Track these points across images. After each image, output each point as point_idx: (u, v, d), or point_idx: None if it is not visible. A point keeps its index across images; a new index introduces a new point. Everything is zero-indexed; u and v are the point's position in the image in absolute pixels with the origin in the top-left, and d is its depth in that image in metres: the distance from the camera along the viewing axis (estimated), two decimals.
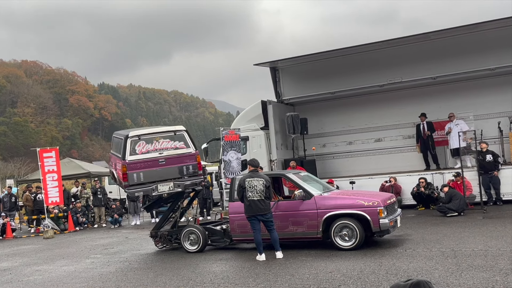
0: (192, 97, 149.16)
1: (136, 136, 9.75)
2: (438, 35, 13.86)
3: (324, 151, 16.65)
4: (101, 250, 11.40)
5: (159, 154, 9.78)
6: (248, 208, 8.27)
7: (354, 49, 14.78)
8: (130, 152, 9.58)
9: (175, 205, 10.63)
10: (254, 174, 8.46)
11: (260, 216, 8.21)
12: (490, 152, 13.04)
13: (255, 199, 8.18)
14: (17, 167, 52.91)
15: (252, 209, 8.20)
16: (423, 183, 13.35)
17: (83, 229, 17.11)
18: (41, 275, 8.75)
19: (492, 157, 12.90)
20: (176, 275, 7.59)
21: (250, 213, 8.25)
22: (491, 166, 12.89)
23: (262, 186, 8.23)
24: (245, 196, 8.26)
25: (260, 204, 8.17)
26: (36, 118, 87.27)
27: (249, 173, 8.59)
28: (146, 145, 9.76)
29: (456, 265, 6.65)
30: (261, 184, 8.24)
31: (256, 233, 8.26)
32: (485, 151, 13.00)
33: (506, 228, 9.26)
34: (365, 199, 8.43)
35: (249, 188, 8.23)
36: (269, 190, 8.35)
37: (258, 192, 8.19)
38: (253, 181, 8.27)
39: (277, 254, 8.19)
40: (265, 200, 8.23)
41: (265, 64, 16.06)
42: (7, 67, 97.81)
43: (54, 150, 16.98)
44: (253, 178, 8.33)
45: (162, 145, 9.87)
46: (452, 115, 14.11)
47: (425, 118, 14.62)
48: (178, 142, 10.02)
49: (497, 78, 14.15)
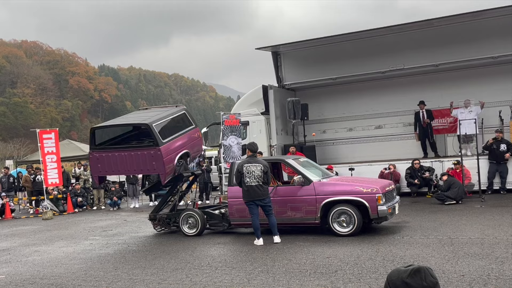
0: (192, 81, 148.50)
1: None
2: (441, 22, 13.73)
3: (324, 137, 16.62)
4: (100, 232, 11.45)
5: None
6: (246, 193, 8.27)
7: (356, 34, 14.66)
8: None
9: (174, 189, 10.65)
10: (252, 159, 8.42)
11: (258, 201, 8.21)
12: (505, 142, 13.01)
13: (253, 185, 8.17)
14: (17, 148, 52.93)
15: (250, 195, 8.20)
16: (417, 164, 13.42)
17: (82, 211, 17.17)
18: (39, 255, 8.80)
19: (506, 147, 12.88)
20: (174, 258, 7.63)
21: (248, 198, 8.26)
22: (504, 155, 12.88)
23: (260, 172, 8.20)
24: (243, 182, 8.25)
25: (258, 190, 8.16)
26: (35, 99, 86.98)
27: (247, 158, 8.56)
28: None
29: (452, 252, 6.68)
30: (259, 169, 8.22)
31: (254, 217, 8.27)
32: (499, 140, 12.98)
33: (503, 217, 9.29)
34: (364, 185, 8.44)
35: (247, 173, 8.20)
36: (267, 175, 8.31)
37: (256, 177, 8.17)
38: (251, 167, 8.24)
39: (275, 238, 8.22)
40: (263, 185, 8.21)
41: (267, 48, 15.93)
42: (7, 47, 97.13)
43: (54, 131, 16.95)
44: (251, 163, 8.30)
45: None
46: (468, 101, 13.88)
47: (424, 106, 14.55)
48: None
49: (499, 66, 14.05)
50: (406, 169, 13.76)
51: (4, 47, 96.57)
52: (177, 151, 9.84)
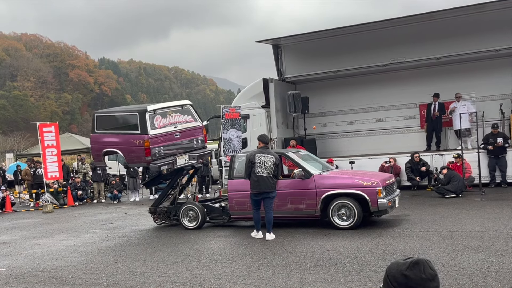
0: (193, 74, 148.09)
1: (152, 110, 9.70)
2: (442, 15, 13.65)
3: (324, 131, 16.59)
4: (100, 225, 11.46)
5: (174, 128, 9.88)
6: (255, 184, 8.11)
7: (357, 27, 14.59)
8: (150, 126, 9.49)
9: (174, 182, 10.65)
10: (265, 150, 8.33)
11: (265, 193, 8.09)
12: (501, 135, 13.00)
13: (263, 175, 8.04)
14: (17, 141, 52.91)
15: (260, 185, 8.06)
16: (417, 157, 13.42)
17: (82, 204, 17.19)
18: (40, 248, 8.81)
19: (503, 140, 12.87)
20: (174, 251, 7.64)
21: (257, 189, 8.11)
22: (501, 149, 12.88)
23: (272, 163, 8.11)
24: (253, 172, 8.10)
25: (268, 181, 8.05)
26: (36, 92, 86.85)
27: (260, 148, 8.48)
28: (163, 119, 9.80)
29: (452, 245, 6.68)
30: (271, 161, 8.12)
31: (256, 211, 8.25)
32: (496, 133, 12.96)
33: (503, 210, 9.29)
34: (364, 179, 8.43)
35: (258, 163, 8.08)
36: (277, 168, 8.22)
37: (268, 168, 8.08)
38: (263, 157, 8.14)
39: (267, 235, 8.04)
40: (273, 177, 8.13)
41: (268, 41, 15.86)
42: (6, 40, 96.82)
43: (54, 125, 16.92)
44: (264, 154, 8.19)
45: (175, 119, 9.98)
46: (459, 95, 13.95)
47: (437, 98, 14.44)
48: (187, 116, 10.14)
49: (500, 59, 13.98)
50: (406, 162, 13.74)
51: (3, 40, 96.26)
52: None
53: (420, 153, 13.95)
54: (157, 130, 9.58)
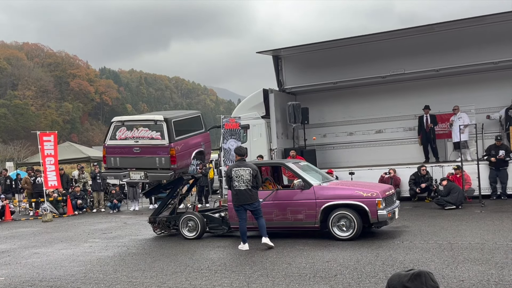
0: (193, 84, 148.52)
1: (120, 121, 10.05)
2: (442, 27, 13.77)
3: (324, 141, 16.63)
4: (100, 234, 11.44)
5: (134, 142, 9.83)
6: (234, 198, 8.24)
7: (357, 39, 14.71)
8: (110, 136, 9.96)
9: (174, 192, 10.65)
10: (241, 163, 8.38)
11: (246, 205, 8.17)
12: (504, 148, 13.02)
13: (241, 189, 8.12)
14: (17, 150, 52.92)
15: (239, 199, 8.16)
16: (424, 170, 13.39)
17: (82, 214, 17.16)
18: (39, 257, 8.79)
19: (504, 153, 12.89)
20: (174, 261, 7.62)
21: (237, 202, 8.22)
22: (503, 161, 12.89)
23: (249, 175, 8.15)
24: (231, 186, 8.24)
25: (246, 194, 8.11)
26: (36, 101, 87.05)
27: (236, 162, 8.56)
28: (126, 132, 9.91)
29: (452, 257, 6.68)
30: (247, 173, 8.17)
31: (242, 222, 8.26)
32: (499, 145, 12.99)
33: (503, 222, 9.29)
34: (364, 190, 8.44)
35: (235, 177, 8.17)
36: (256, 179, 8.24)
37: (245, 181, 8.13)
38: (239, 170, 8.21)
39: (263, 239, 8.08)
40: (252, 189, 8.16)
41: (268, 52, 15.97)
42: (8, 49, 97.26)
43: (53, 134, 17.00)
44: (240, 167, 8.26)
45: (140, 133, 9.88)
46: (456, 108, 14.04)
47: (428, 110, 14.55)
48: (155, 133, 9.81)
49: (499, 72, 14.08)
50: (411, 174, 13.65)
51: (5, 49, 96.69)
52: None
53: (426, 166, 13.89)
54: (115, 141, 9.93)
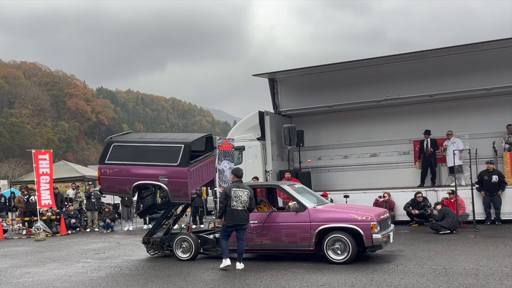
0: (190, 105, 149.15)
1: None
2: (435, 53, 14.01)
3: (319, 164, 16.69)
4: (93, 254, 11.34)
5: None
6: (229, 216, 8.38)
7: (352, 63, 14.91)
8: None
9: (169, 212, 10.61)
10: (240, 184, 8.63)
11: (239, 226, 8.39)
12: (497, 173, 13.09)
13: (238, 209, 8.34)
14: (12, 168, 52.65)
15: (235, 218, 8.35)
16: (420, 197, 13.41)
17: (75, 233, 17.01)
18: (31, 277, 8.70)
19: (498, 178, 12.96)
20: (167, 283, 7.57)
21: (231, 221, 8.39)
22: (496, 187, 12.96)
23: (246, 197, 8.42)
24: (228, 205, 8.39)
25: (242, 214, 8.37)
26: (33, 119, 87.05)
27: (235, 183, 8.72)
28: None
29: (447, 283, 6.67)
30: (245, 194, 8.43)
31: (225, 239, 8.51)
32: (491, 171, 13.07)
33: (497, 248, 9.30)
34: (359, 213, 8.45)
35: (234, 197, 8.37)
36: (251, 201, 8.53)
37: (243, 202, 8.38)
38: (238, 191, 8.43)
39: (237, 264, 8.34)
40: (247, 210, 8.43)
41: (264, 75, 16.14)
42: (6, 68, 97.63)
43: (48, 152, 17.01)
44: (239, 188, 8.51)
45: None
46: (450, 133, 14.19)
47: (429, 135, 14.71)
48: None
49: (493, 98, 14.28)
50: (408, 201, 13.63)
51: (3, 67, 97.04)
52: None
53: (414, 189, 13.99)
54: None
